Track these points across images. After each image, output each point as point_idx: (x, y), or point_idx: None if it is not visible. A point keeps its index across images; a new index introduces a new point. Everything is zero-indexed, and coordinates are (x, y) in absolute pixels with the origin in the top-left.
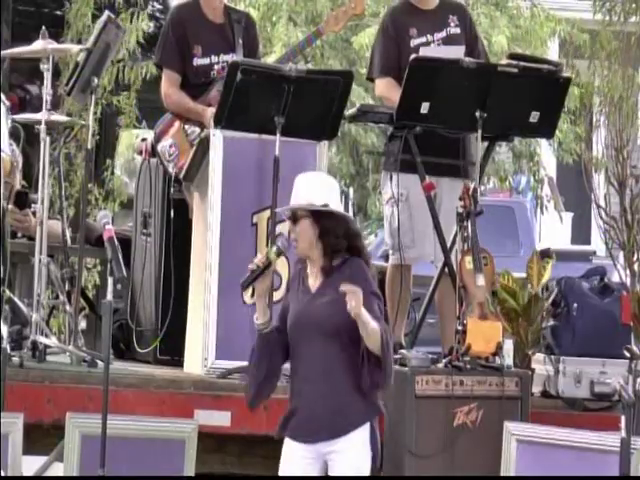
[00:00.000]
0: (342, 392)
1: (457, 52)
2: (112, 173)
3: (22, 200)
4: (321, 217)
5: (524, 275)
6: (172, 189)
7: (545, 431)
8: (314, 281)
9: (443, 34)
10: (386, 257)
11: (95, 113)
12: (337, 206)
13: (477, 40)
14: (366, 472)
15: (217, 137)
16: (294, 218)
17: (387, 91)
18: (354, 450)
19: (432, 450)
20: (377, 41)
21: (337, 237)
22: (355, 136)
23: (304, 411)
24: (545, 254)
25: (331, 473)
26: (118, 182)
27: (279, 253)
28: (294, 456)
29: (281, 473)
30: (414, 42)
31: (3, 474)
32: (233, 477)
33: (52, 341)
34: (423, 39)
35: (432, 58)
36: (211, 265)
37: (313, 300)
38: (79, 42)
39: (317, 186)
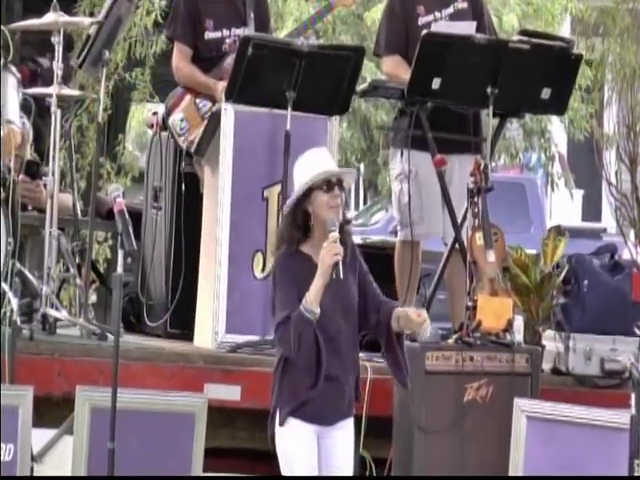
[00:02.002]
0: (355, 373)
1: (468, 28)
2: (124, 147)
3: (33, 170)
4: None
5: (535, 252)
6: (183, 163)
7: (555, 408)
8: None
9: (450, 10)
10: (396, 233)
11: (107, 87)
12: None
13: (483, 15)
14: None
15: (228, 111)
16: (340, 183)
17: (394, 69)
18: (351, 427)
19: (442, 426)
20: (384, 18)
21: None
22: (365, 113)
23: (327, 396)
24: (557, 231)
25: (333, 450)
26: (130, 156)
27: None
28: (309, 437)
29: (298, 457)
30: (422, 20)
31: (12, 448)
32: (243, 451)
33: (62, 314)
34: (430, 17)
35: (444, 34)
36: (221, 239)
37: (342, 283)
38: (92, 14)
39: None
